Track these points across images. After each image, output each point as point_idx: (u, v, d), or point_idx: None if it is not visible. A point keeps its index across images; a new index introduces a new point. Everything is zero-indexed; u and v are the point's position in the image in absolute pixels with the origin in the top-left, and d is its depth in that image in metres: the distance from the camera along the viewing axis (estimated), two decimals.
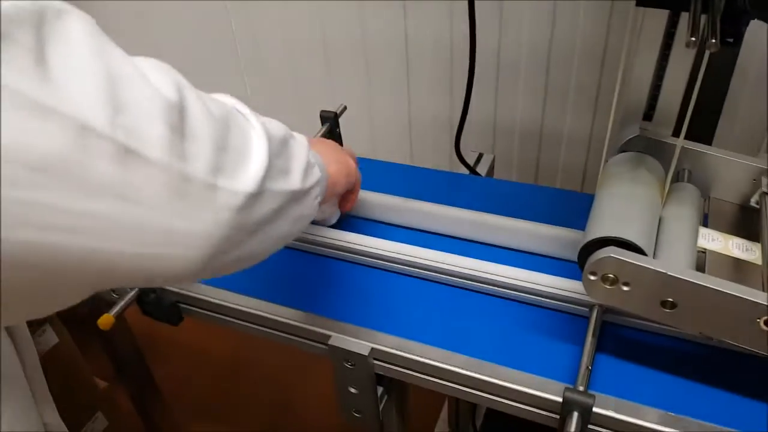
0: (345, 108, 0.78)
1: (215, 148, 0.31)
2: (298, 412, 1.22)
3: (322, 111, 0.77)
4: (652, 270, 0.41)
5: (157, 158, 0.27)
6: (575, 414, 0.44)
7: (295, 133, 0.44)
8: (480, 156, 0.81)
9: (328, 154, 0.53)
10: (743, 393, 0.47)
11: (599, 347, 0.51)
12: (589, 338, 0.49)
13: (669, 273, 0.41)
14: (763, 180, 0.50)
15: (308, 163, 0.41)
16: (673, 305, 0.42)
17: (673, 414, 0.45)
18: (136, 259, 0.29)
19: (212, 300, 0.59)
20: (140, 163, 0.27)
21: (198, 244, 0.30)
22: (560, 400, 0.45)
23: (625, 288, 0.43)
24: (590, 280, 0.44)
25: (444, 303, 0.57)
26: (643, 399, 0.47)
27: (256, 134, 0.35)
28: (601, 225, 0.46)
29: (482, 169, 0.79)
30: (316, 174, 0.42)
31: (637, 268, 0.42)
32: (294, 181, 0.39)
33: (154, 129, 0.28)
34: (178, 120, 0.29)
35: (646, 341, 0.51)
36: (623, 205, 0.47)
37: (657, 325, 0.51)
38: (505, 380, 0.49)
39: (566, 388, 0.45)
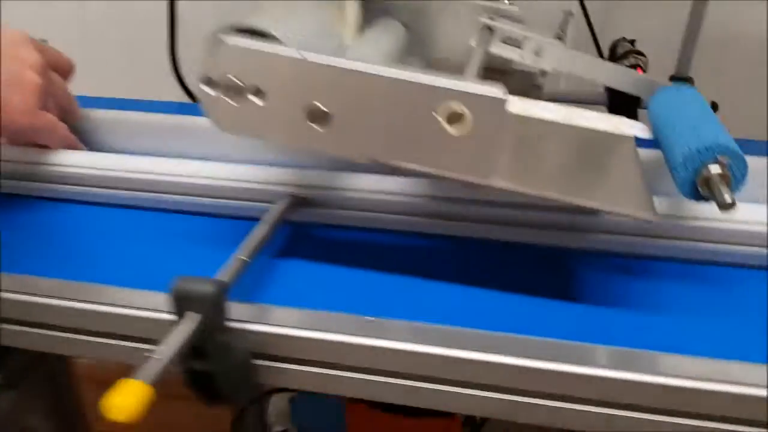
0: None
1: None
2: None
3: None
4: (286, 57, 0.26)
5: None
6: (193, 317, 0.26)
7: None
8: None
9: None
10: (458, 281, 0.32)
11: (290, 253, 0.34)
12: (259, 227, 0.32)
13: (309, 59, 0.26)
14: (485, 15, 0.39)
15: None
16: (324, 117, 0.27)
17: (371, 318, 0.30)
18: None
19: None
20: None
21: None
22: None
23: (258, 101, 0.27)
24: (209, 96, 0.28)
25: (77, 226, 0.38)
26: (339, 306, 0.30)
27: None
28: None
29: None
30: None
31: (266, 57, 0.26)
32: None
33: None
34: None
35: (348, 239, 0.36)
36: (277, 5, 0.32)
37: (359, 214, 0.35)
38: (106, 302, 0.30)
39: (180, 278, 0.27)
